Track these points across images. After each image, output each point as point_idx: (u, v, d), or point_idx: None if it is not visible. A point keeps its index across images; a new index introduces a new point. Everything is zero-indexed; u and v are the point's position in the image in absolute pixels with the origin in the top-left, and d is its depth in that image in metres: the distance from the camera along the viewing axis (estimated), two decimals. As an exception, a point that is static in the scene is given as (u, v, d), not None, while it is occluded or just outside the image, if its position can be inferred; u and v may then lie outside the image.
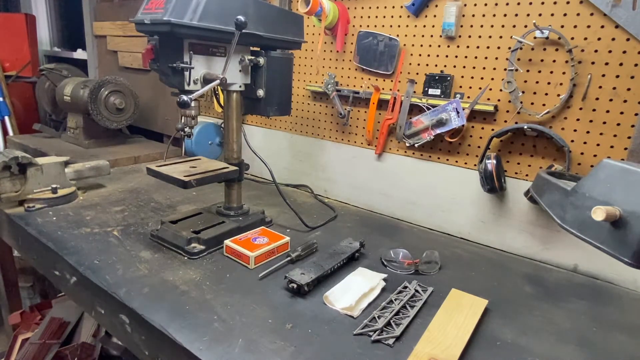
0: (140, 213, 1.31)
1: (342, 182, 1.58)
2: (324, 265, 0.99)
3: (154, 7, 0.94)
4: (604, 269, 1.10)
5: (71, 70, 2.39)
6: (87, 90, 1.89)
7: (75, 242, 1.09)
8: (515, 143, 1.20)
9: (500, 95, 1.19)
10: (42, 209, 1.27)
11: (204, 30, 0.95)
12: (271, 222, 1.30)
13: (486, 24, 1.18)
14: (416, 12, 1.29)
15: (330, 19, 1.39)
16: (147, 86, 2.23)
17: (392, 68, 1.37)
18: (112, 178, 1.59)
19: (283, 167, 1.72)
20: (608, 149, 1.06)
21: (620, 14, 0.99)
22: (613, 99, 1.03)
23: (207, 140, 1.84)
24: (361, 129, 1.49)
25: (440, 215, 1.36)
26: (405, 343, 0.79)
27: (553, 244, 1.16)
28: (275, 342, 0.77)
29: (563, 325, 0.89)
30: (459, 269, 1.11)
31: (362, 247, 1.12)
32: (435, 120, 1.26)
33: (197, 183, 1.06)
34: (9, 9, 3.12)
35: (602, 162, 0.69)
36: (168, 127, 2.24)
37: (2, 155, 1.23)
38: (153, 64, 1.00)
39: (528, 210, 1.19)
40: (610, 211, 0.61)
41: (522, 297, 0.99)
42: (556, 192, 0.81)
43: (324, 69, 1.54)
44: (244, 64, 1.11)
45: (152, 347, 0.83)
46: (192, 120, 1.06)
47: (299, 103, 1.64)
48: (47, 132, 2.22)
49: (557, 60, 1.09)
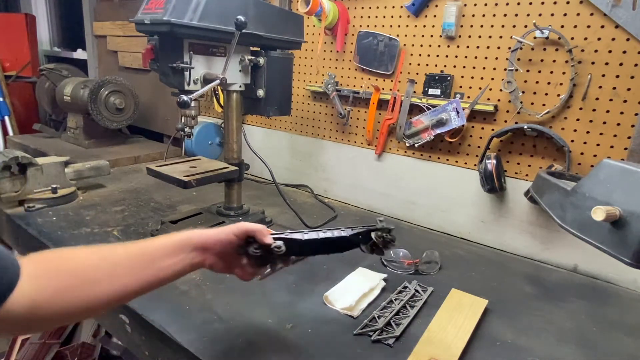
0: (140, 213, 1.31)
1: (342, 182, 1.58)
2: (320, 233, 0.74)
3: (154, 7, 0.94)
4: (604, 269, 1.09)
5: (71, 70, 2.39)
6: (87, 90, 1.89)
7: (75, 242, 1.09)
8: (515, 143, 1.20)
9: (500, 95, 1.19)
10: (42, 209, 1.27)
11: (204, 30, 0.95)
12: (271, 222, 1.30)
13: (486, 24, 1.18)
14: (416, 12, 1.29)
15: (330, 19, 1.39)
16: (147, 86, 2.23)
17: (392, 68, 1.37)
18: (112, 178, 1.59)
19: (283, 167, 1.72)
20: (608, 149, 1.06)
21: (620, 14, 0.99)
22: (613, 99, 1.03)
23: (207, 140, 1.84)
24: (361, 129, 1.49)
25: (440, 215, 1.36)
26: (405, 343, 0.79)
27: (553, 244, 1.16)
28: (275, 342, 0.77)
29: (563, 325, 0.89)
30: (459, 269, 1.11)
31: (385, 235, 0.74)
32: (435, 120, 1.26)
33: (197, 183, 1.06)
34: (9, 9, 3.12)
35: (602, 162, 0.69)
36: (168, 127, 2.24)
37: (2, 155, 1.23)
38: (153, 64, 1.00)
39: (528, 210, 1.19)
40: (610, 211, 0.61)
41: (522, 297, 0.99)
42: (556, 192, 0.81)
43: (324, 69, 1.54)
44: (244, 64, 1.11)
45: (152, 347, 0.83)
46: (192, 120, 1.06)
47: (299, 103, 1.64)
48: (47, 132, 2.22)
49: (557, 60, 1.09)
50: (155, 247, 0.63)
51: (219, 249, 0.67)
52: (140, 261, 0.60)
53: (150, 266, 0.61)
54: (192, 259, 0.65)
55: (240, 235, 0.68)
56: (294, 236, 0.71)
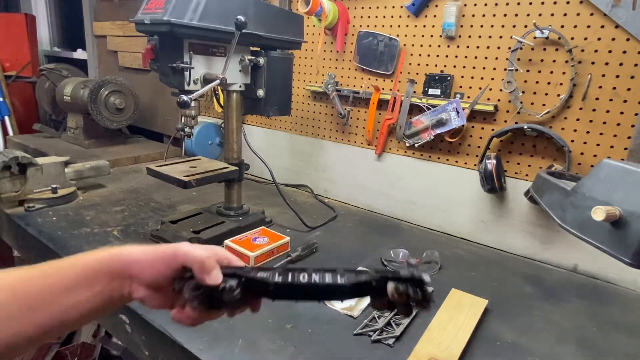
0: (140, 213, 1.31)
1: (342, 182, 1.58)
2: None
3: (153, 7, 0.94)
4: (604, 269, 1.09)
5: (71, 70, 2.39)
6: (87, 90, 1.89)
7: (75, 242, 1.09)
8: (515, 143, 1.20)
9: (500, 95, 1.19)
10: (42, 209, 1.27)
11: (204, 30, 0.95)
12: (271, 222, 1.30)
13: (486, 24, 1.18)
14: (416, 12, 1.29)
15: (330, 19, 1.39)
16: (147, 86, 2.23)
17: (392, 68, 1.37)
18: (112, 178, 1.59)
19: (283, 167, 1.72)
20: (608, 149, 1.06)
21: (620, 14, 0.99)
22: (613, 99, 1.03)
23: (207, 140, 1.84)
24: (361, 129, 1.49)
25: (440, 215, 1.36)
26: (405, 343, 0.79)
27: (553, 244, 1.16)
28: (275, 342, 0.77)
29: (563, 325, 0.89)
30: (459, 269, 1.11)
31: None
32: (435, 120, 1.26)
33: (197, 183, 1.06)
34: (9, 9, 3.12)
35: (602, 162, 0.69)
36: (168, 127, 2.24)
37: (2, 155, 1.23)
38: (153, 64, 1.00)
39: (528, 210, 1.19)
40: (610, 211, 0.61)
41: (522, 297, 0.99)
42: (556, 192, 0.81)
43: (324, 69, 1.54)
44: (244, 64, 1.11)
45: (152, 347, 0.83)
46: (192, 120, 1.06)
47: (299, 103, 1.64)
48: (47, 132, 2.22)
49: (557, 60, 1.09)
50: (60, 276, 0.45)
51: (149, 279, 0.48)
52: (32, 301, 0.43)
53: (48, 307, 0.43)
54: (112, 292, 0.47)
55: (173, 266, 0.49)
56: (260, 276, 0.50)
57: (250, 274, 0.50)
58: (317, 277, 0.49)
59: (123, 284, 0.48)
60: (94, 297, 0.46)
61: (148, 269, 0.48)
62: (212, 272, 0.49)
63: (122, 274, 0.47)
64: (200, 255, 0.48)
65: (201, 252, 0.49)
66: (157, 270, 0.48)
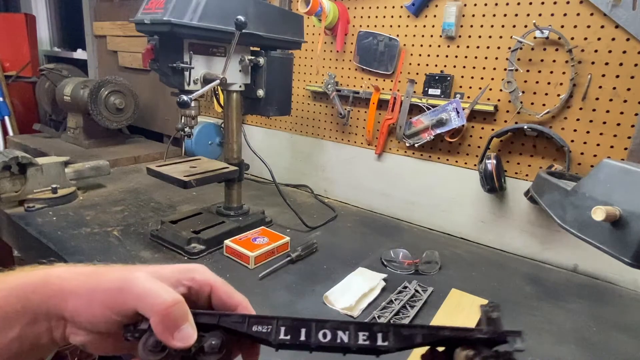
0: (140, 213, 1.31)
1: (342, 182, 1.58)
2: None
3: (154, 7, 0.94)
4: (604, 269, 1.09)
5: (71, 70, 2.39)
6: (87, 90, 1.89)
7: (75, 242, 1.09)
8: (515, 143, 1.20)
9: (500, 95, 1.19)
10: (42, 209, 1.27)
11: (204, 30, 0.95)
12: (271, 222, 1.30)
13: (486, 24, 1.18)
14: (416, 12, 1.29)
15: (330, 19, 1.39)
16: (147, 86, 2.23)
17: (392, 68, 1.37)
18: (112, 178, 1.59)
19: (283, 167, 1.72)
20: (608, 149, 1.06)
21: (620, 14, 0.99)
22: (613, 99, 1.03)
23: (207, 140, 1.84)
24: (361, 129, 1.49)
25: (440, 215, 1.36)
26: (405, 343, 0.79)
27: (553, 244, 1.16)
28: (275, 342, 0.77)
29: (563, 325, 0.89)
30: (459, 269, 1.11)
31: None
32: (435, 120, 1.26)
33: (197, 183, 1.06)
34: (9, 9, 3.12)
35: (602, 162, 0.69)
36: (168, 127, 2.24)
37: (2, 155, 1.23)
38: (153, 64, 1.00)
39: (528, 210, 1.19)
40: (610, 211, 0.61)
41: (522, 297, 0.99)
42: (556, 192, 0.81)
43: (324, 69, 1.54)
44: (244, 64, 1.11)
45: (152, 347, 0.83)
46: (192, 120, 1.06)
47: (299, 103, 1.64)
48: (47, 132, 2.22)
49: (557, 60, 1.09)
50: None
51: (85, 323, 0.33)
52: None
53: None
54: (37, 338, 0.33)
55: (118, 309, 0.32)
56: (256, 331, 0.37)
57: (241, 326, 0.35)
58: (346, 337, 0.35)
59: (52, 326, 0.33)
60: (8, 345, 0.31)
61: (83, 309, 0.32)
62: (180, 328, 0.31)
63: (49, 313, 0.32)
64: (162, 302, 0.31)
65: (163, 295, 0.31)
66: (94, 314, 0.32)
